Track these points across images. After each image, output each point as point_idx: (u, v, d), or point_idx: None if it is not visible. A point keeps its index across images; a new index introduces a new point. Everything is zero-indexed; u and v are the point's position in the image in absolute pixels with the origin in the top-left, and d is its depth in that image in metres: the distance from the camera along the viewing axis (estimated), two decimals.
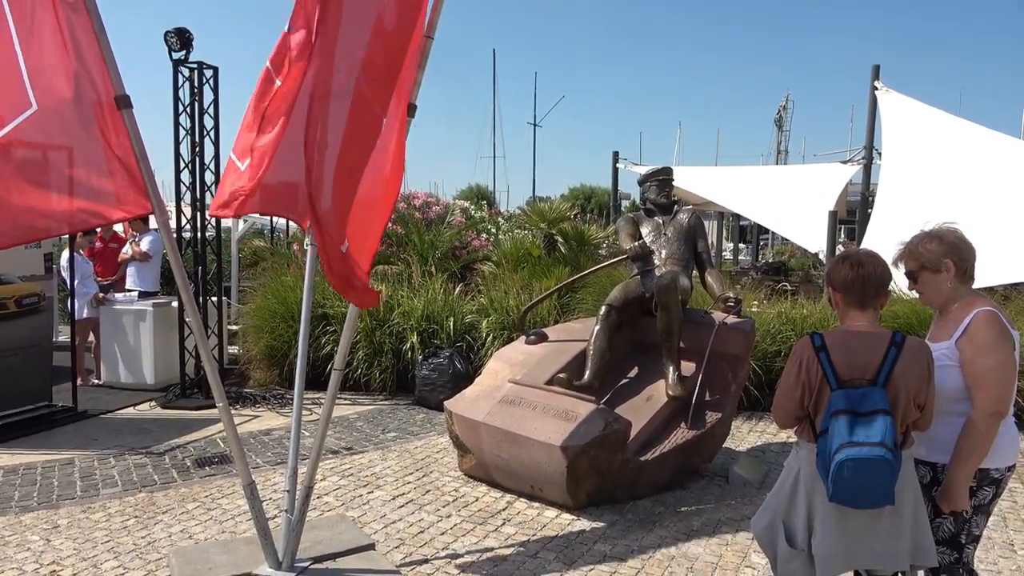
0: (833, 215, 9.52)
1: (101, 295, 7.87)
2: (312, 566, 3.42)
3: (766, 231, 23.19)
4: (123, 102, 2.90)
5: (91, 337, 8.05)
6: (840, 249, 8.74)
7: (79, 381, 7.03)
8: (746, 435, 6.18)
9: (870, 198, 10.81)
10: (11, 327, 6.18)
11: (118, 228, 8.86)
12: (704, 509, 4.53)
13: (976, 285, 2.70)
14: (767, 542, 2.56)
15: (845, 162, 12.70)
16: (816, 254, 10.53)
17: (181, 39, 6.66)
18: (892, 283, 2.52)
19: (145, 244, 7.99)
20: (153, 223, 8.60)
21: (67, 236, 7.46)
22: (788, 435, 6.07)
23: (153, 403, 7.06)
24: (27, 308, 6.33)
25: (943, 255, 2.58)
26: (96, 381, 7.82)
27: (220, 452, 5.54)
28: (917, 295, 2.73)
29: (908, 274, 2.66)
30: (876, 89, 10.74)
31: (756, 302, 7.58)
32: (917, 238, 2.66)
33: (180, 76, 6.88)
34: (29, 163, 2.81)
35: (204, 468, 5.18)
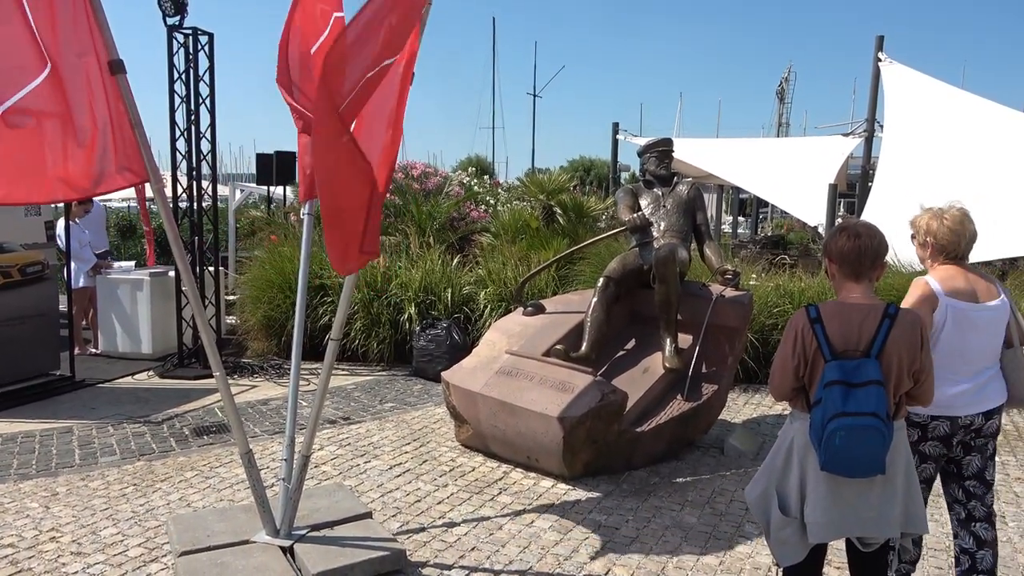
0: (833, 188, 9.48)
1: (100, 263, 7.85)
2: (309, 534, 3.45)
3: (766, 204, 23.14)
4: (116, 67, 2.85)
5: (88, 306, 8.04)
6: (839, 222, 8.72)
7: (76, 350, 7.03)
8: (742, 407, 6.21)
9: (871, 171, 10.75)
10: (16, 295, 6.18)
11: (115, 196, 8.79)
12: (699, 480, 4.57)
13: (975, 259, 2.75)
14: (761, 510, 2.59)
15: (847, 135, 12.59)
16: (815, 227, 10.51)
17: (175, 4, 6.55)
18: (892, 255, 2.52)
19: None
20: (149, 192, 8.55)
21: (62, 204, 7.42)
22: (783, 407, 6.11)
23: (151, 372, 7.07)
24: (31, 276, 6.31)
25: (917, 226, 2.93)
26: (94, 350, 7.83)
27: (218, 421, 5.56)
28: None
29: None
30: (879, 61, 10.62)
31: (754, 275, 7.57)
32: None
33: (175, 42, 6.78)
34: (32, 127, 2.77)
35: (202, 437, 5.21)
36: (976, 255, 2.83)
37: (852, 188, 13.69)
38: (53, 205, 7.02)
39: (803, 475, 2.47)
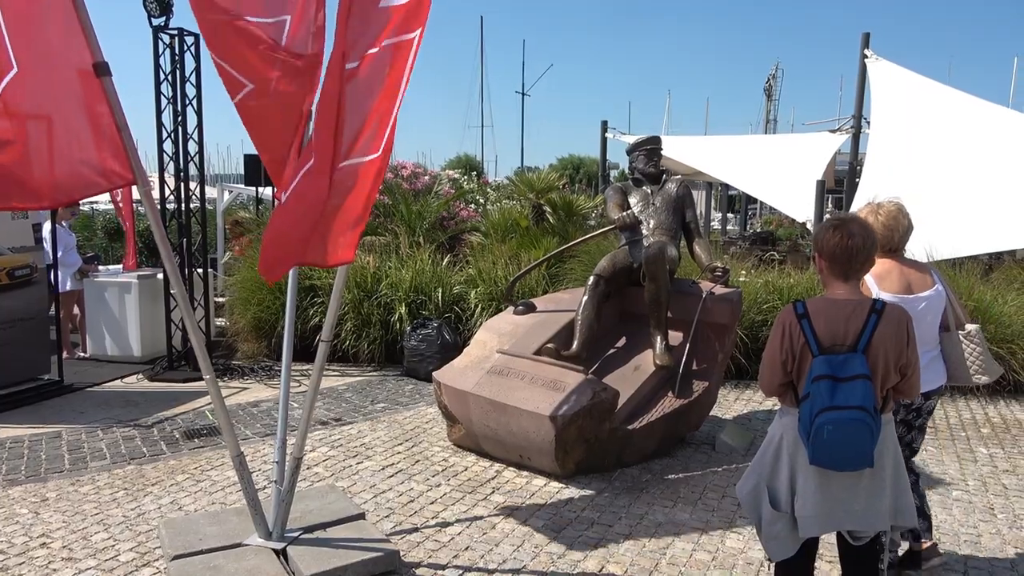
0: (821, 184, 9.53)
1: (85, 267, 7.80)
2: (302, 536, 3.45)
3: (754, 201, 23.22)
4: (101, 69, 2.83)
5: (76, 310, 7.98)
6: (827, 218, 8.78)
7: (65, 354, 6.98)
8: (732, 403, 6.24)
9: (858, 167, 10.81)
10: (5, 299, 6.14)
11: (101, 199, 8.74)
12: (691, 476, 4.59)
13: (962, 254, 2.91)
14: (752, 506, 2.60)
15: (834, 131, 12.67)
16: (804, 223, 10.56)
17: (160, 5, 6.51)
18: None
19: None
20: (136, 194, 8.49)
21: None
22: (774, 403, 6.13)
23: (140, 376, 7.03)
24: (20, 279, 6.27)
25: None
26: (82, 354, 7.78)
27: (208, 424, 5.54)
28: None
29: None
30: (866, 57, 10.68)
31: (744, 272, 7.61)
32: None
33: (160, 43, 6.74)
34: (9, 131, 2.74)
35: (193, 440, 5.18)
36: (963, 249, 2.95)
37: (840, 184, 13.78)
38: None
39: (793, 470, 2.49)
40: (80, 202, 8.84)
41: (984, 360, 3.17)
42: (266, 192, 12.93)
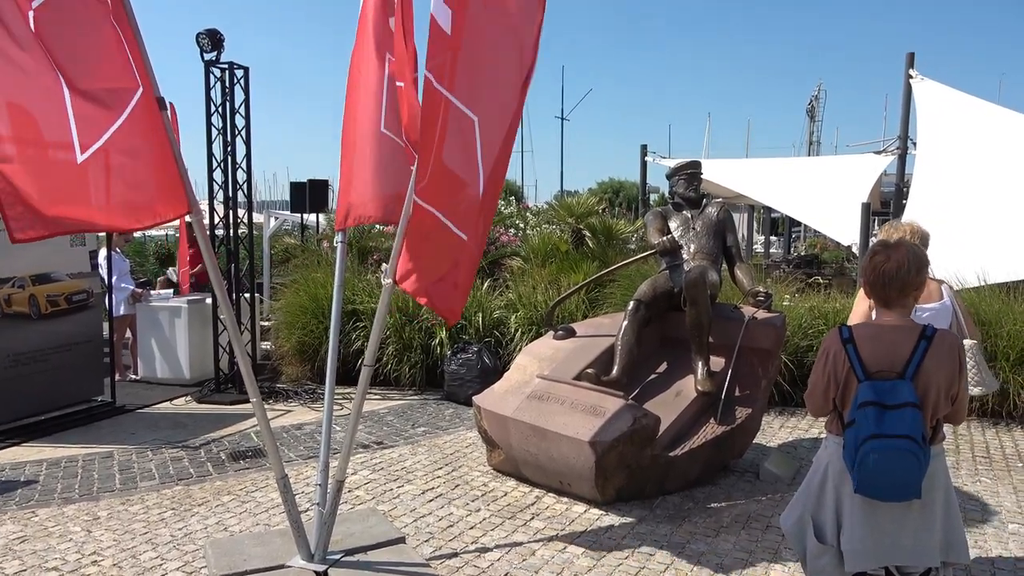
0: (866, 207, 9.35)
1: (139, 291, 8.05)
2: (344, 558, 3.47)
3: (798, 223, 22.88)
4: (160, 104, 2.96)
5: (128, 334, 8.24)
6: (873, 242, 8.62)
7: (117, 377, 7.20)
8: (777, 431, 6.12)
9: (905, 189, 10.60)
10: (63, 323, 6.37)
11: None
12: (734, 505, 4.51)
13: (1016, 277, 2.95)
14: (796, 538, 2.55)
15: (879, 152, 12.46)
16: (849, 247, 10.37)
17: (212, 40, 6.77)
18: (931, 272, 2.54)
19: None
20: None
21: (105, 235, 7.65)
22: (820, 431, 6.00)
23: (188, 398, 7.20)
24: (77, 304, 6.52)
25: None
26: (133, 376, 8.00)
27: (254, 446, 5.64)
28: None
29: None
30: (911, 78, 10.52)
31: (787, 296, 7.49)
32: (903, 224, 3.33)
33: (212, 76, 7.00)
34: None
35: (238, 462, 5.28)
36: (1018, 272, 2.95)
37: (886, 206, 13.49)
38: (96, 235, 7.24)
39: (839, 501, 2.43)
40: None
41: (979, 373, 3.40)
42: (310, 218, 13.22)
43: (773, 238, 25.58)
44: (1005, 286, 7.00)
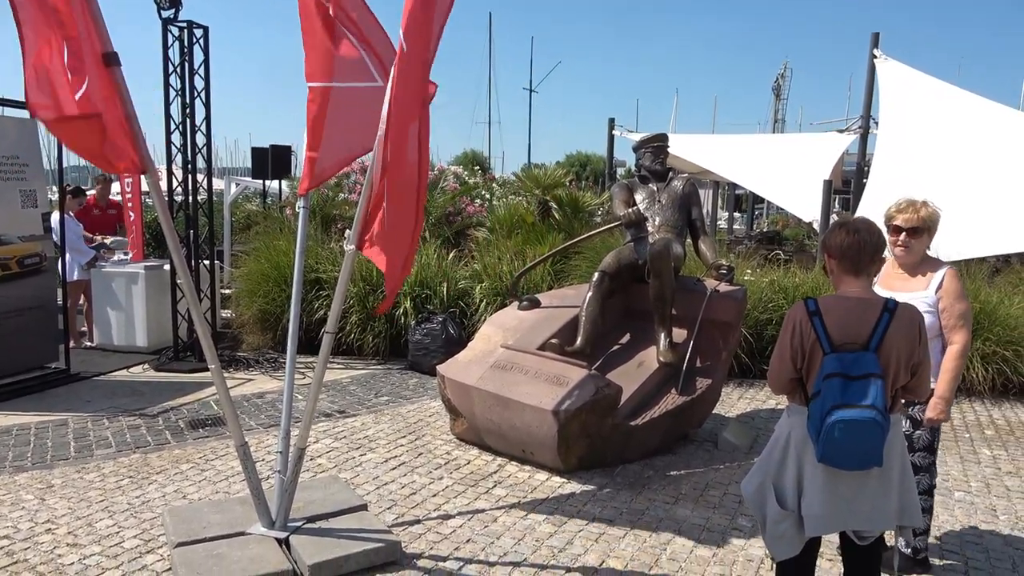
0: (828, 184, 9.49)
1: (104, 253, 7.86)
2: (305, 525, 3.47)
3: (761, 200, 23.18)
4: (111, 59, 2.85)
5: (82, 300, 8.03)
6: (834, 219, 8.76)
7: (72, 343, 7.03)
8: (736, 401, 6.24)
9: (866, 168, 10.78)
10: (15, 287, 6.16)
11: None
12: (693, 473, 4.59)
13: (969, 256, 2.96)
14: (757, 504, 2.60)
15: (842, 131, 12.62)
16: (810, 223, 10.53)
17: None
18: (887, 251, 2.57)
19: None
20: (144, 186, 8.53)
21: (56, 197, 7.40)
22: (777, 402, 6.14)
23: (146, 366, 7.07)
24: (29, 268, 6.30)
25: (937, 223, 3.20)
26: (88, 343, 7.82)
27: (213, 414, 5.57)
28: (900, 251, 3.21)
29: (912, 230, 3.15)
30: (875, 57, 10.64)
31: (749, 270, 7.60)
32: (923, 202, 3.18)
33: (169, 35, 6.76)
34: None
35: (197, 430, 5.21)
36: (969, 251, 2.99)
37: (847, 184, 13.72)
38: (49, 198, 7.00)
39: (800, 469, 2.48)
40: (87, 192, 8.87)
41: None
42: (272, 185, 12.97)
43: (737, 214, 25.85)
44: (957, 264, 7.21)
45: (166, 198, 6.81)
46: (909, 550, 3.35)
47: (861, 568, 2.65)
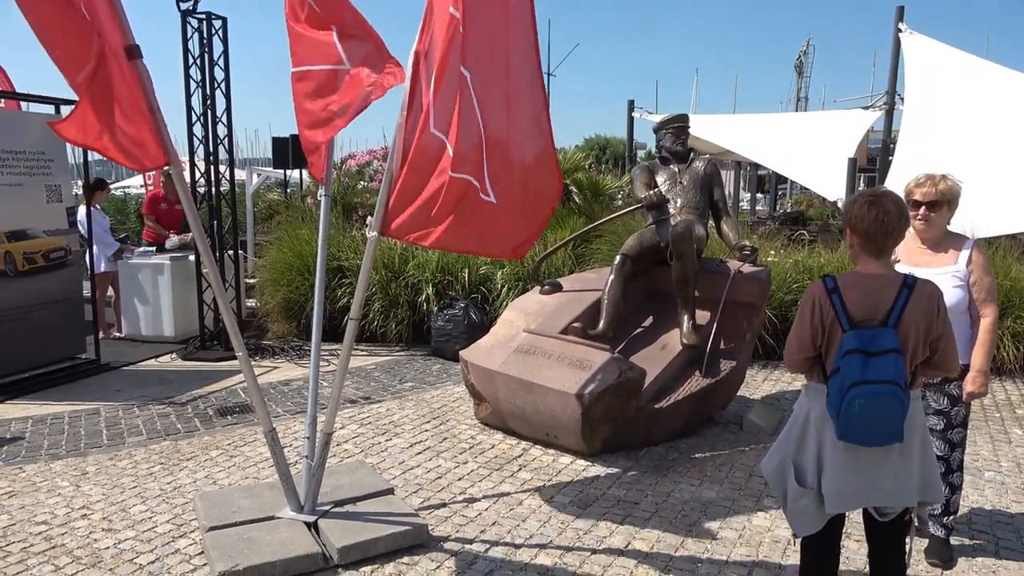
0: (853, 162, 9.36)
1: (125, 246, 7.97)
2: (333, 509, 3.52)
3: (784, 180, 22.87)
4: (133, 52, 2.88)
5: (110, 291, 8.16)
6: (859, 191, 8.63)
7: (100, 334, 7.15)
8: (760, 383, 6.20)
9: (891, 145, 10.59)
10: (41, 281, 6.28)
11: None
12: (718, 455, 4.58)
13: (1000, 232, 2.93)
14: (777, 481, 2.60)
15: (866, 108, 12.41)
16: (835, 202, 10.39)
17: None
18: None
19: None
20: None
21: (83, 191, 7.51)
22: (802, 383, 6.08)
23: (174, 355, 7.18)
24: (55, 262, 6.42)
25: (958, 197, 3.17)
26: (117, 334, 7.95)
27: (241, 402, 5.65)
28: (921, 224, 3.18)
29: (931, 203, 3.13)
30: (900, 32, 10.42)
31: (773, 251, 7.52)
32: (942, 175, 3.16)
33: (188, 27, 6.81)
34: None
35: (226, 417, 5.29)
36: (1000, 228, 2.95)
37: (872, 162, 13.50)
38: (74, 192, 7.10)
39: (820, 446, 2.47)
40: (111, 186, 8.99)
41: None
42: (293, 175, 13.05)
43: (759, 195, 25.55)
44: (987, 241, 7.07)
45: (189, 189, 6.87)
46: (942, 532, 3.32)
47: (885, 544, 2.63)
